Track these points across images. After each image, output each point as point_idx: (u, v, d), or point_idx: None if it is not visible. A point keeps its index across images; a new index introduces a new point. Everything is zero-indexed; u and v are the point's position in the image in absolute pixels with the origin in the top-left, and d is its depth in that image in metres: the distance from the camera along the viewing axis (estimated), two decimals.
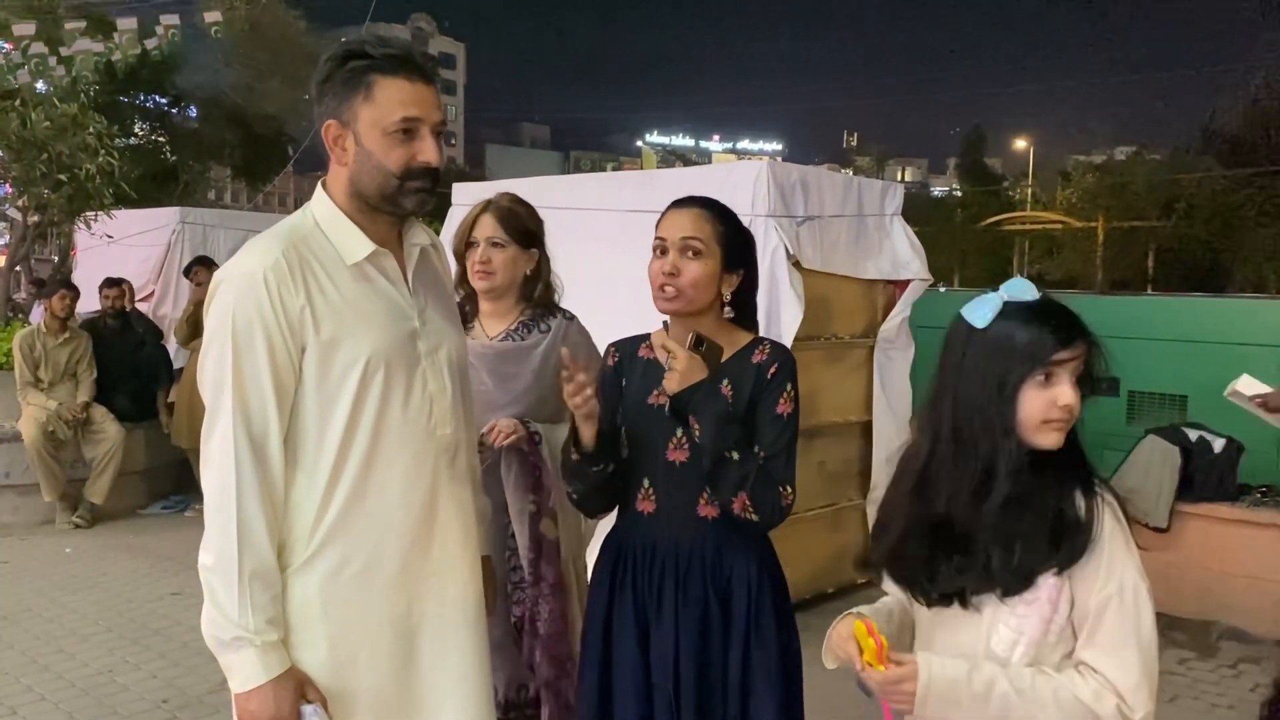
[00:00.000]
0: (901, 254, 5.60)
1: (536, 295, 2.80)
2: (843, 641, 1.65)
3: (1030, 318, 1.63)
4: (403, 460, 1.85)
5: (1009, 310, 1.64)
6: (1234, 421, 4.98)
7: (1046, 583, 1.61)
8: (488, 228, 2.74)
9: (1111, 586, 1.60)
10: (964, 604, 1.65)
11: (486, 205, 2.79)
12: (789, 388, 2.11)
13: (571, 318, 2.83)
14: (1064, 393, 1.62)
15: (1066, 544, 1.60)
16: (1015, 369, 1.61)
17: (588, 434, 2.07)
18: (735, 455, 1.99)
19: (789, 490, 2.05)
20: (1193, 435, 5.25)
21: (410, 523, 1.86)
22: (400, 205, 1.84)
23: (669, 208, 2.18)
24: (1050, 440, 1.63)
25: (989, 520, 1.62)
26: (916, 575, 1.69)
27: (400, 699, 1.88)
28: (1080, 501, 1.64)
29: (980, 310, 1.65)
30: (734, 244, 2.16)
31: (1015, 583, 1.61)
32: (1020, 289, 1.65)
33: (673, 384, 2.01)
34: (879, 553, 1.76)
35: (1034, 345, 1.61)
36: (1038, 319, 1.63)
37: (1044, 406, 1.61)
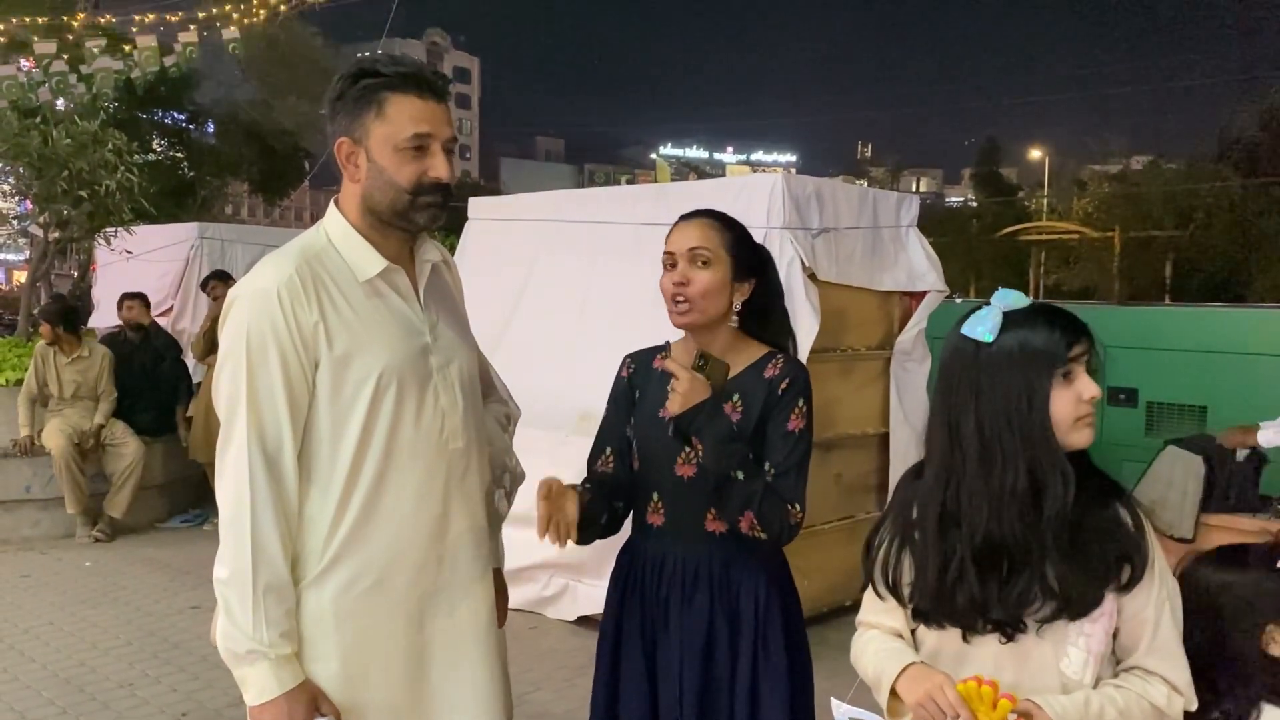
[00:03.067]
0: (917, 265, 5.59)
1: None
2: (950, 707, 1.55)
3: (1036, 321, 1.63)
4: (415, 474, 1.85)
5: (1011, 319, 1.64)
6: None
7: (1107, 597, 1.62)
8: None
9: (1163, 593, 1.65)
10: (1012, 634, 1.62)
11: None
12: (801, 404, 2.08)
13: None
14: (1087, 385, 1.63)
15: (1133, 561, 1.61)
16: (1041, 373, 1.60)
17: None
18: (740, 475, 1.98)
19: (797, 508, 2.03)
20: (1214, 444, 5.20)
21: (422, 536, 1.87)
22: (412, 221, 1.86)
23: (676, 222, 2.18)
24: (1085, 438, 1.64)
25: (1049, 533, 1.59)
26: (968, 610, 1.64)
27: (412, 712, 1.88)
28: (1125, 515, 1.65)
29: (984, 324, 1.63)
30: (743, 252, 2.15)
31: (1090, 604, 1.61)
32: (1012, 297, 1.66)
33: (674, 405, 2.00)
34: (926, 599, 1.67)
35: (1050, 346, 1.61)
36: (1044, 321, 1.63)
37: (1073, 404, 1.62)
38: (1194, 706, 1.66)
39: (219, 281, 7.51)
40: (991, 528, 1.60)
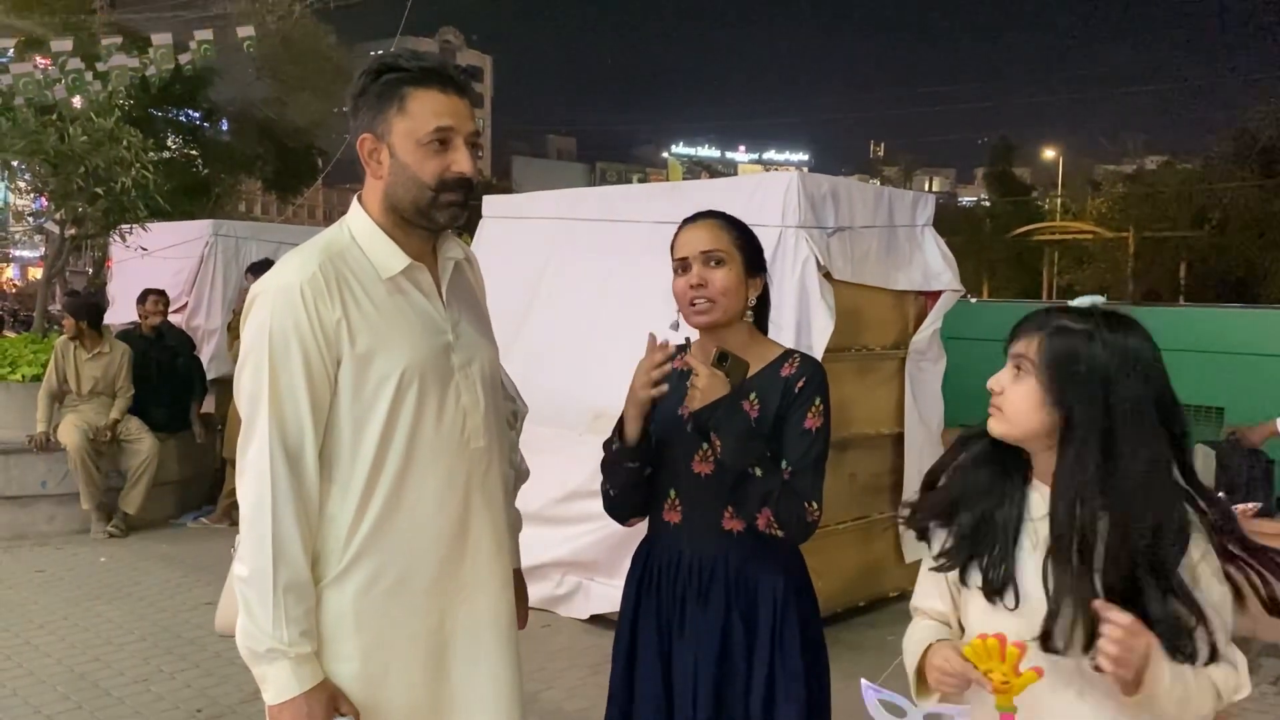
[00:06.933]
0: (933, 265, 5.57)
1: None
2: (957, 673, 1.57)
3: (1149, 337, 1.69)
4: (436, 473, 1.85)
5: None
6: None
7: None
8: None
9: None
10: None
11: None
12: (818, 402, 2.08)
13: None
14: None
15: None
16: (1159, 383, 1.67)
17: (634, 430, 2.08)
18: (758, 472, 1.98)
19: (815, 506, 2.03)
20: (1225, 445, 5.19)
21: (443, 536, 1.87)
22: (433, 220, 1.85)
23: (681, 227, 2.18)
24: None
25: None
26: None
27: (432, 712, 1.88)
28: None
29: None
30: (751, 249, 2.17)
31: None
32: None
33: (694, 401, 2.01)
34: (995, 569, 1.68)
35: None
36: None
37: None
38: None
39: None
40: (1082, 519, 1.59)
